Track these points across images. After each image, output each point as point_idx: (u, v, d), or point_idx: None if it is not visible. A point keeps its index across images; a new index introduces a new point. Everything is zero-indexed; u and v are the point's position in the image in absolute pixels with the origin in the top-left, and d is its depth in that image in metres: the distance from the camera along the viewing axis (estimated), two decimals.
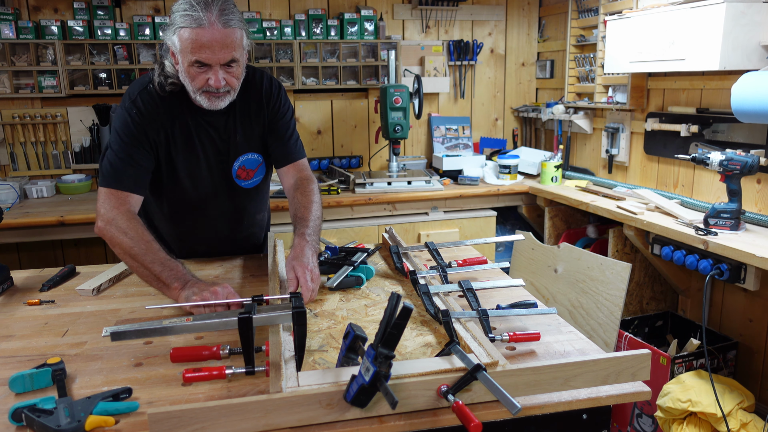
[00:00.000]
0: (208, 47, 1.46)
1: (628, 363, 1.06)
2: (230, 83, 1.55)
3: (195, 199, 1.76)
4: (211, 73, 1.51)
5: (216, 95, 1.56)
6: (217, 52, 1.47)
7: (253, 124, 1.72)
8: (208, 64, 1.50)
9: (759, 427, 2.27)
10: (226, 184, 1.75)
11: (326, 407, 0.94)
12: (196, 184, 1.73)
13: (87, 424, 0.95)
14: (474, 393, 1.00)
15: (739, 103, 2.23)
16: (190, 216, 1.81)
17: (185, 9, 1.46)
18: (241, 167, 1.74)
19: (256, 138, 1.74)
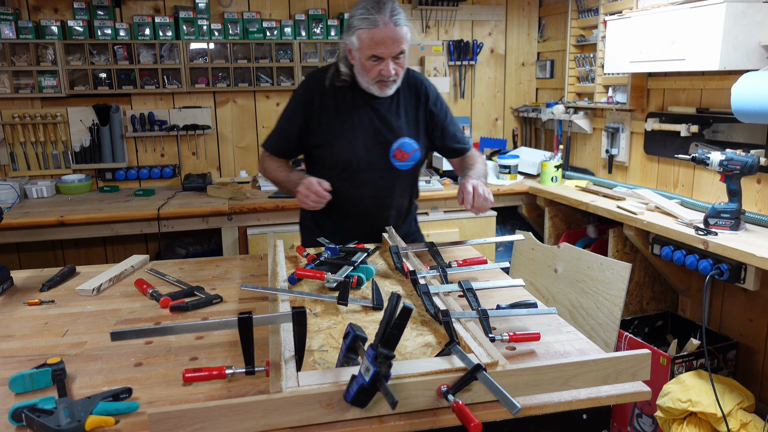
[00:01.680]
0: (382, 43, 1.76)
1: (628, 363, 1.06)
2: (398, 72, 1.84)
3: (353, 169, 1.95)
4: (384, 65, 1.80)
5: (386, 83, 1.84)
6: (390, 46, 1.77)
7: (412, 114, 1.98)
8: (381, 58, 1.79)
9: (759, 427, 2.27)
10: (382, 161, 1.95)
11: (326, 407, 0.94)
12: (355, 156, 1.94)
13: (87, 424, 0.95)
14: (474, 393, 1.00)
15: (739, 103, 2.23)
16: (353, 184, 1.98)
17: (362, 14, 1.82)
18: (398, 148, 1.94)
19: (413, 126, 1.98)
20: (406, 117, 1.97)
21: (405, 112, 1.97)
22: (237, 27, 3.46)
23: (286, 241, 2.79)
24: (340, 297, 1.43)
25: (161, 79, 3.36)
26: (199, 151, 3.63)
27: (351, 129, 1.94)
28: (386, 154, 1.95)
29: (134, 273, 1.80)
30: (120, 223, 2.92)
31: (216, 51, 3.45)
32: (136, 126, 3.46)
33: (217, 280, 1.72)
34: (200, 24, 3.38)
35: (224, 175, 3.70)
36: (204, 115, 3.57)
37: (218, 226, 3.05)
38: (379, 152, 1.95)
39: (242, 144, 3.69)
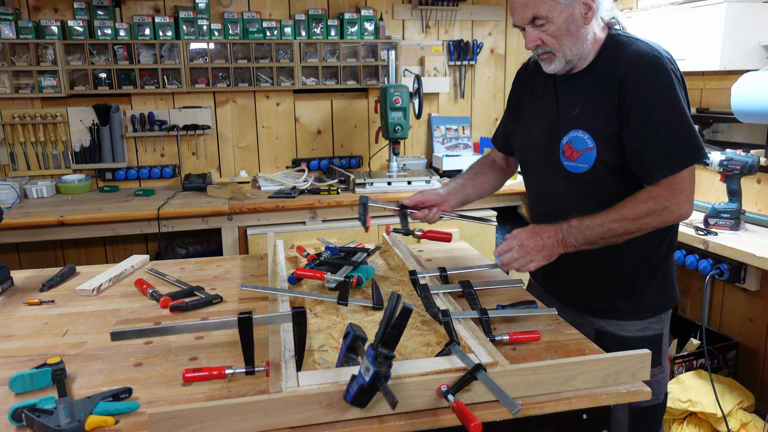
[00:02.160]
0: (514, 9, 1.46)
1: (628, 363, 1.06)
2: (548, 42, 1.45)
3: (529, 164, 1.68)
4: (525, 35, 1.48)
5: (541, 57, 1.50)
6: (520, 11, 1.44)
7: (600, 100, 1.47)
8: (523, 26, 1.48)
9: (759, 427, 2.27)
10: (551, 158, 1.56)
11: (326, 407, 0.94)
12: (529, 147, 1.65)
13: (87, 424, 0.95)
14: (474, 393, 1.00)
15: (739, 103, 2.23)
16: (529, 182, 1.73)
17: None
18: (568, 143, 1.52)
19: (595, 117, 1.47)
20: (587, 102, 1.49)
21: (589, 95, 1.49)
22: (237, 27, 3.47)
23: (286, 241, 2.80)
24: (340, 297, 1.43)
25: (161, 79, 3.36)
26: (199, 151, 3.63)
27: (531, 115, 1.64)
28: (556, 149, 1.54)
29: (134, 273, 1.80)
30: (120, 223, 2.92)
31: (216, 51, 3.45)
32: (136, 126, 3.46)
33: (217, 280, 1.72)
34: (200, 24, 3.38)
35: (224, 175, 3.70)
36: (204, 115, 3.57)
37: (218, 226, 3.05)
38: (550, 146, 1.56)
39: (242, 144, 3.69)
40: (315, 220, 3.13)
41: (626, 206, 1.39)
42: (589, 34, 1.46)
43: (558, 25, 1.42)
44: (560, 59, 1.47)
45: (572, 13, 1.42)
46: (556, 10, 1.41)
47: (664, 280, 1.58)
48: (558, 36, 1.43)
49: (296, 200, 3.08)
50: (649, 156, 1.40)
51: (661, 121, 1.38)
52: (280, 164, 3.76)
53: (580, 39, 1.45)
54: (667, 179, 1.38)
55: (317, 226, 3.10)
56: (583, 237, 1.40)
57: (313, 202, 3.08)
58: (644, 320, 1.55)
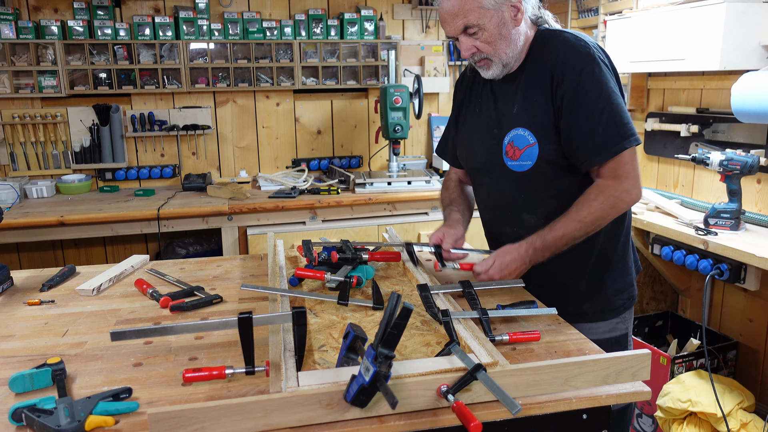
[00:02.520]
0: (444, 21, 1.47)
1: (628, 363, 1.06)
2: (483, 49, 1.47)
3: (474, 171, 1.70)
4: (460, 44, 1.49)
5: (479, 64, 1.52)
6: (450, 22, 1.45)
7: (535, 96, 1.48)
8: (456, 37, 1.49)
9: (759, 427, 2.27)
10: (494, 160, 1.57)
11: (326, 407, 0.94)
12: (473, 154, 1.67)
13: (87, 424, 0.95)
14: (474, 393, 1.00)
15: (739, 103, 2.23)
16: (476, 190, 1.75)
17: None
18: (510, 143, 1.52)
19: (532, 112, 1.48)
20: (524, 101, 1.50)
21: (525, 92, 1.51)
22: (237, 27, 3.47)
23: (286, 241, 2.80)
24: (340, 297, 1.43)
25: (161, 79, 3.36)
26: (199, 151, 3.63)
27: (472, 121, 1.66)
28: (499, 151, 1.56)
29: (134, 273, 1.80)
30: (120, 223, 2.92)
31: (216, 51, 3.45)
32: (136, 126, 3.46)
33: (217, 280, 1.72)
34: (200, 24, 3.38)
35: (224, 175, 3.70)
36: (204, 115, 3.57)
37: (218, 226, 3.05)
38: (492, 149, 1.57)
39: (242, 144, 3.69)
40: (315, 220, 3.13)
41: (580, 209, 1.42)
42: (520, 35, 1.49)
43: (490, 31, 1.44)
44: (497, 64, 1.49)
45: (502, 17, 1.44)
46: (486, 16, 1.43)
47: (623, 279, 1.62)
48: (492, 41, 1.46)
49: (296, 200, 3.08)
50: (582, 144, 1.42)
51: (591, 108, 1.40)
52: (280, 164, 3.76)
53: (513, 41, 1.48)
54: (609, 167, 1.42)
55: (317, 226, 3.10)
56: (549, 252, 1.47)
57: (313, 202, 3.08)
58: (609, 320, 1.60)
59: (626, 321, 1.65)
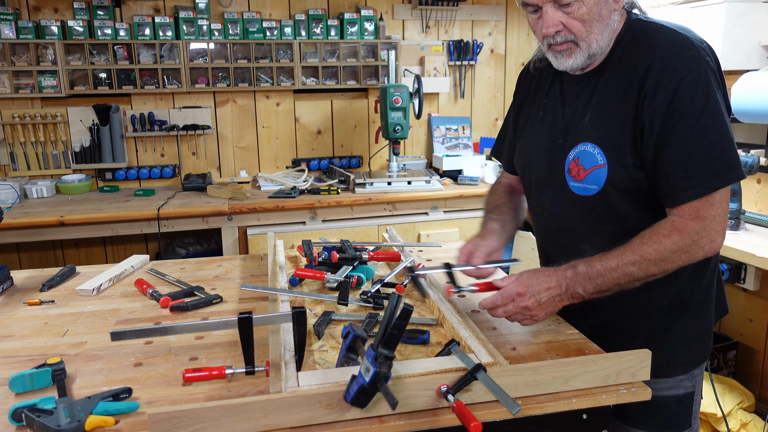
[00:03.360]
0: None
1: (629, 363, 1.06)
2: (571, 28, 1.16)
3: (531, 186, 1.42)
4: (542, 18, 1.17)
5: (558, 49, 1.20)
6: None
7: (615, 104, 1.19)
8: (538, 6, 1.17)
9: (759, 427, 2.27)
10: (555, 178, 1.30)
11: (326, 407, 0.94)
12: (530, 166, 1.39)
13: (87, 424, 0.95)
14: (474, 393, 1.00)
15: (739, 103, 2.23)
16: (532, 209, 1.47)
17: None
18: (575, 160, 1.24)
19: (607, 125, 1.20)
20: (599, 110, 1.21)
21: (601, 99, 1.21)
22: (237, 27, 3.47)
23: (286, 241, 2.80)
24: (340, 297, 1.43)
25: (161, 79, 3.36)
26: (199, 151, 3.63)
27: (532, 128, 1.38)
28: (561, 167, 1.28)
29: (134, 273, 1.80)
30: (120, 223, 2.92)
31: (216, 51, 3.45)
32: (136, 126, 3.46)
33: (217, 280, 1.72)
34: (200, 24, 3.39)
35: (224, 175, 3.70)
36: (204, 115, 3.57)
37: (218, 226, 3.05)
38: (554, 164, 1.30)
39: (242, 144, 3.69)
40: (315, 220, 3.13)
41: (646, 243, 1.12)
42: (615, 21, 1.19)
43: (590, 6, 1.13)
44: (583, 51, 1.18)
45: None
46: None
47: (699, 328, 1.31)
48: (587, 20, 1.15)
49: (296, 200, 3.08)
50: (673, 175, 1.12)
51: (689, 130, 1.10)
52: (280, 164, 3.76)
53: (609, 26, 1.18)
54: (693, 205, 1.11)
55: (317, 226, 3.10)
56: (593, 285, 1.14)
57: (313, 202, 3.08)
58: (672, 377, 1.30)
59: (694, 378, 1.32)
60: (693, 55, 1.11)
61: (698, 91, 1.10)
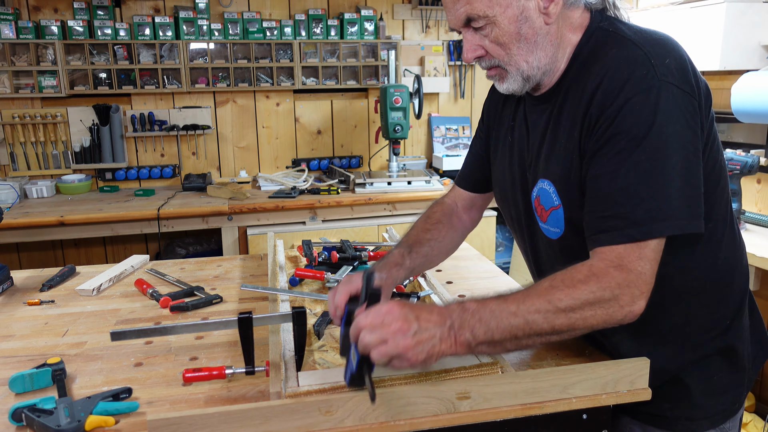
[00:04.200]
0: (445, 5, 1.04)
1: (627, 371, 1.05)
2: (491, 52, 1.02)
3: (508, 221, 1.29)
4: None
5: (490, 74, 1.08)
6: (451, 8, 1.02)
7: (566, 134, 1.02)
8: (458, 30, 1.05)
9: (759, 427, 2.27)
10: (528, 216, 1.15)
11: (326, 414, 0.94)
12: (506, 201, 1.25)
13: (87, 424, 0.95)
14: (473, 401, 0.99)
15: (739, 103, 2.23)
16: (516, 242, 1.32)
17: None
18: (537, 198, 1.10)
19: (559, 159, 1.04)
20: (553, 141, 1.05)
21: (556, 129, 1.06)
22: (237, 27, 3.47)
23: (286, 241, 2.79)
24: None
25: (161, 79, 3.36)
26: (199, 151, 3.63)
27: (505, 154, 1.22)
28: (530, 205, 1.13)
29: (134, 273, 1.80)
30: (120, 223, 2.92)
31: (216, 51, 3.45)
32: (136, 126, 3.46)
33: (217, 280, 1.72)
34: (200, 24, 3.39)
35: (224, 175, 3.70)
36: (204, 115, 3.57)
37: (218, 226, 3.05)
38: (524, 200, 1.15)
39: (242, 144, 3.69)
40: (315, 220, 3.13)
41: (557, 287, 0.91)
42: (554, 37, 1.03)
43: (504, 28, 0.99)
44: (514, 75, 1.04)
45: (524, 8, 0.98)
46: (499, 5, 0.98)
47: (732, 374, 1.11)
48: (505, 43, 1.01)
49: (296, 200, 3.08)
50: (592, 212, 0.95)
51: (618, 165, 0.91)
52: (280, 164, 3.76)
53: (538, 45, 1.01)
54: (618, 251, 0.91)
55: (317, 226, 3.10)
56: (484, 330, 0.90)
57: (313, 202, 3.08)
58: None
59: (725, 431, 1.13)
60: (644, 75, 0.91)
61: (641, 120, 0.90)
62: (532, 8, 0.99)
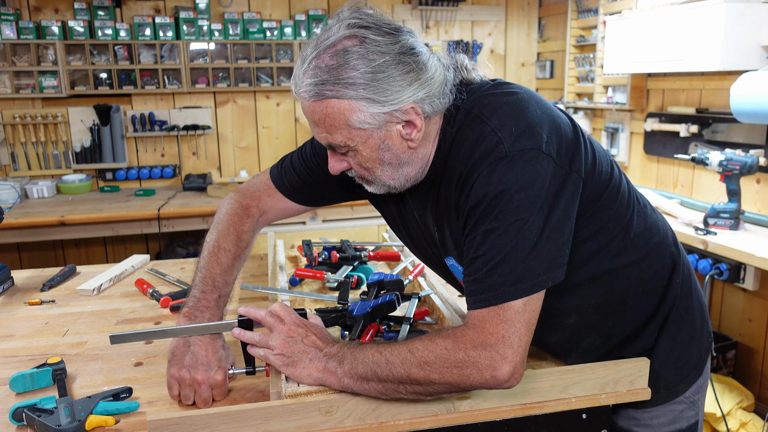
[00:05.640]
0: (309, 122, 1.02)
1: (627, 371, 1.06)
2: (359, 171, 1.04)
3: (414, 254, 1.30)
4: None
5: (358, 180, 1.08)
6: (313, 129, 1.01)
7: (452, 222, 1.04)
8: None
9: (758, 426, 2.27)
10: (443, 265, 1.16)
11: (325, 414, 0.94)
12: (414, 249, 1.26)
13: (87, 424, 0.96)
14: (473, 401, 1.00)
15: (738, 103, 2.23)
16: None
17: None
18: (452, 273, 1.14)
19: (456, 242, 1.05)
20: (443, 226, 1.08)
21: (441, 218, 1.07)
22: (237, 27, 3.47)
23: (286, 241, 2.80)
24: (340, 297, 1.43)
25: (161, 79, 3.36)
26: (200, 151, 3.63)
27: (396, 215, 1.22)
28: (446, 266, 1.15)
29: (134, 273, 1.80)
30: (120, 223, 2.92)
31: (216, 51, 3.46)
32: (137, 126, 3.46)
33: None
34: (200, 24, 3.39)
35: (224, 175, 3.70)
36: (204, 115, 3.57)
37: None
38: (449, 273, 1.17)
39: (242, 144, 3.70)
40: (315, 220, 3.13)
41: (421, 339, 0.95)
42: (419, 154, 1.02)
43: (366, 156, 0.99)
44: (378, 186, 1.06)
45: (385, 137, 0.97)
46: (359, 137, 0.97)
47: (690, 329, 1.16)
48: (369, 167, 1.01)
49: None
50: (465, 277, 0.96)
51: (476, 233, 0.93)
52: None
53: (405, 164, 1.01)
54: (479, 315, 0.92)
55: (317, 226, 3.10)
56: (350, 361, 0.96)
57: None
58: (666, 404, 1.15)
59: (696, 405, 1.18)
60: (491, 150, 0.93)
61: (490, 191, 0.92)
62: (394, 136, 0.98)
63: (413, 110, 0.96)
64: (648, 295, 1.10)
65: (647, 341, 1.12)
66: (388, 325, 1.26)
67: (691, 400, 1.16)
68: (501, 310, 0.90)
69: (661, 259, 1.11)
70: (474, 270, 0.93)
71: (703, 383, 1.19)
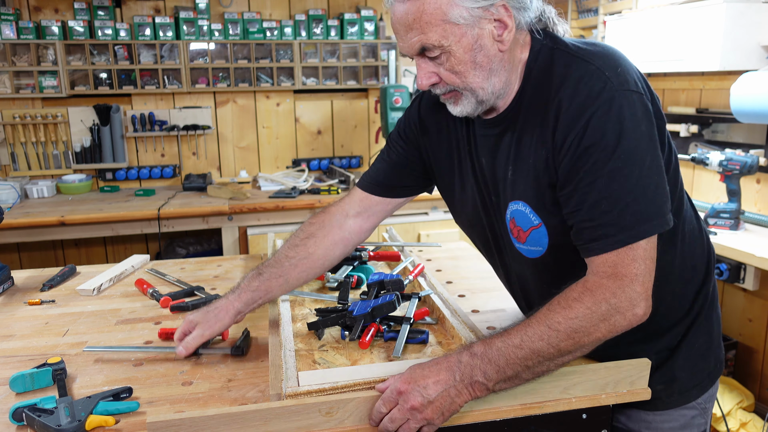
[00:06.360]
0: (396, 32, 1.01)
1: (627, 372, 1.06)
2: (446, 79, 1.02)
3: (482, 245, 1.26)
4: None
5: (444, 98, 1.07)
6: (404, 36, 0.99)
7: (534, 153, 1.02)
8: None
9: (758, 426, 2.27)
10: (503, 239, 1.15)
11: (326, 415, 0.94)
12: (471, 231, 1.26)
13: (87, 424, 0.96)
14: (473, 401, 1.00)
15: (738, 103, 2.23)
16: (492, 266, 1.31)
17: None
18: (512, 220, 1.09)
19: (531, 179, 1.03)
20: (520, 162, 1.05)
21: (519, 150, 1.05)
22: (237, 27, 3.47)
23: None
24: (340, 297, 1.43)
25: (161, 79, 3.36)
26: (200, 151, 3.63)
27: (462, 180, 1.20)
28: (504, 229, 1.12)
29: (134, 273, 1.80)
30: (120, 223, 2.92)
31: (216, 51, 3.46)
32: (137, 126, 3.46)
33: (217, 280, 1.72)
34: (200, 24, 3.39)
35: (224, 175, 3.70)
36: (204, 115, 3.57)
37: (218, 226, 3.05)
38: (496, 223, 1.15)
39: (242, 144, 3.70)
40: None
41: (553, 310, 0.93)
42: (506, 62, 1.02)
43: (459, 57, 0.98)
44: (469, 98, 1.03)
45: (478, 37, 0.98)
46: (454, 34, 0.97)
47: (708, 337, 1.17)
48: (461, 71, 1.00)
49: (296, 200, 3.08)
50: (581, 224, 0.96)
51: (597, 175, 0.93)
52: (281, 164, 3.76)
53: (494, 71, 1.01)
54: (609, 259, 0.93)
55: None
56: (495, 369, 0.93)
57: (313, 202, 3.08)
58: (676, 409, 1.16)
59: (706, 413, 1.20)
60: (602, 88, 0.94)
61: (608, 130, 0.92)
62: (487, 36, 0.98)
63: (504, 8, 0.97)
64: (682, 295, 1.12)
65: (671, 341, 1.13)
66: (388, 325, 1.26)
67: (703, 408, 1.18)
68: (631, 250, 0.93)
69: (698, 258, 1.13)
70: (601, 213, 0.93)
71: (713, 393, 1.20)
